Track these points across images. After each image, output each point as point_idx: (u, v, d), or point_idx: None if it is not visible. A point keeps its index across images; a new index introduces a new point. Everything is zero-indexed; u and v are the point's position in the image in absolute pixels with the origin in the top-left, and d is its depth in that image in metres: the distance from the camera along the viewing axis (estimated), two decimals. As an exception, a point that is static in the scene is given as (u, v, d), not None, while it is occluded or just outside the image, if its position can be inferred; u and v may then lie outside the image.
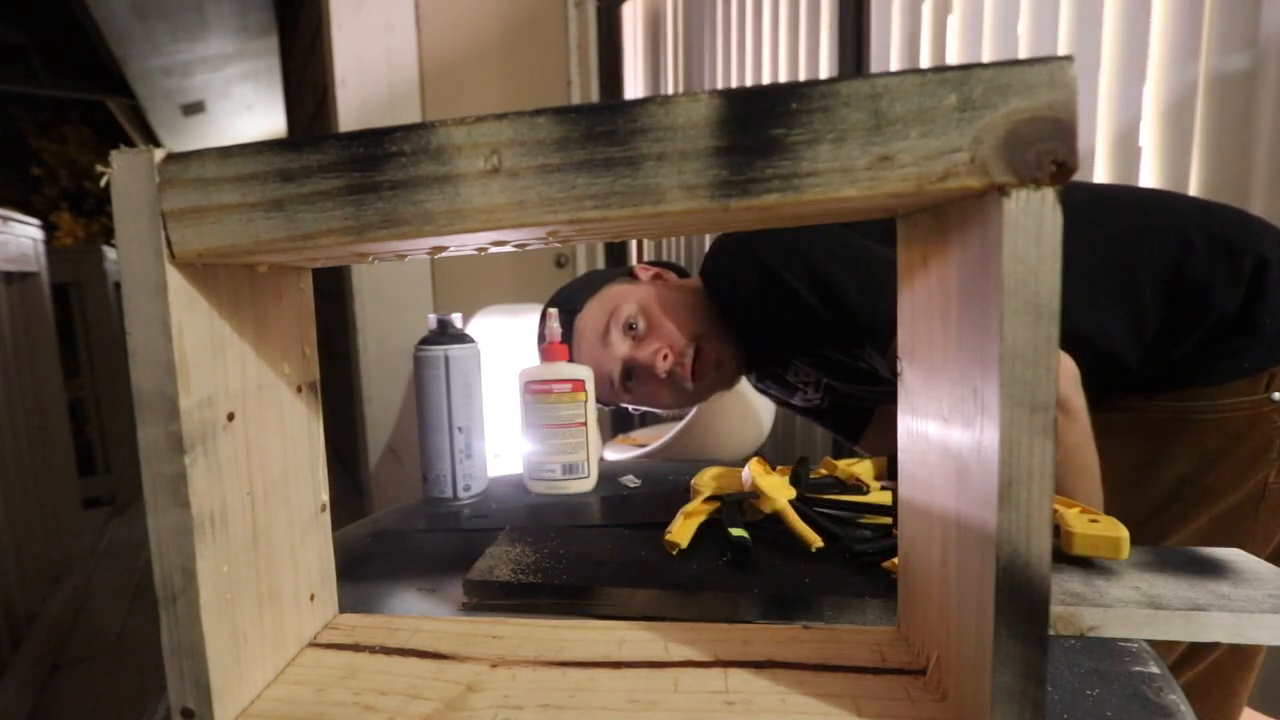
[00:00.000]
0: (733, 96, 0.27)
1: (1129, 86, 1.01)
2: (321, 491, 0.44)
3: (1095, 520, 0.49)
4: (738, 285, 0.82)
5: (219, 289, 0.34)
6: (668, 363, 0.84)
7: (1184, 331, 0.72)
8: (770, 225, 0.36)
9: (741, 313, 0.84)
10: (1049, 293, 0.26)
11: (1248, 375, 0.71)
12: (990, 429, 0.27)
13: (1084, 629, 0.43)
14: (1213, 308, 0.71)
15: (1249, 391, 0.71)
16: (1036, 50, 1.11)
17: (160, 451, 0.32)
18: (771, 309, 0.79)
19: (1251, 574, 0.47)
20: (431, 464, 0.76)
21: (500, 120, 0.28)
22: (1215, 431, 0.73)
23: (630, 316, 0.87)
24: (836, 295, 0.74)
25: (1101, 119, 1.04)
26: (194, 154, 0.30)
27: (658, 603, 0.48)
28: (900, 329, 0.38)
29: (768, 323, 0.81)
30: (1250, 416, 0.71)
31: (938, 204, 0.32)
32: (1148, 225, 0.75)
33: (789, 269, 0.76)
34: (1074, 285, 0.72)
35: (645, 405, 0.92)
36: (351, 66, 2.01)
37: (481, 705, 0.35)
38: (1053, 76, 0.25)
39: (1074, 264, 0.73)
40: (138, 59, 4.00)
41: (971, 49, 1.22)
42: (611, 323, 0.87)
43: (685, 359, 0.85)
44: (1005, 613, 0.27)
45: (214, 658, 0.33)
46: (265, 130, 5.23)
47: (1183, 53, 0.95)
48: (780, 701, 0.34)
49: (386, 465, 2.15)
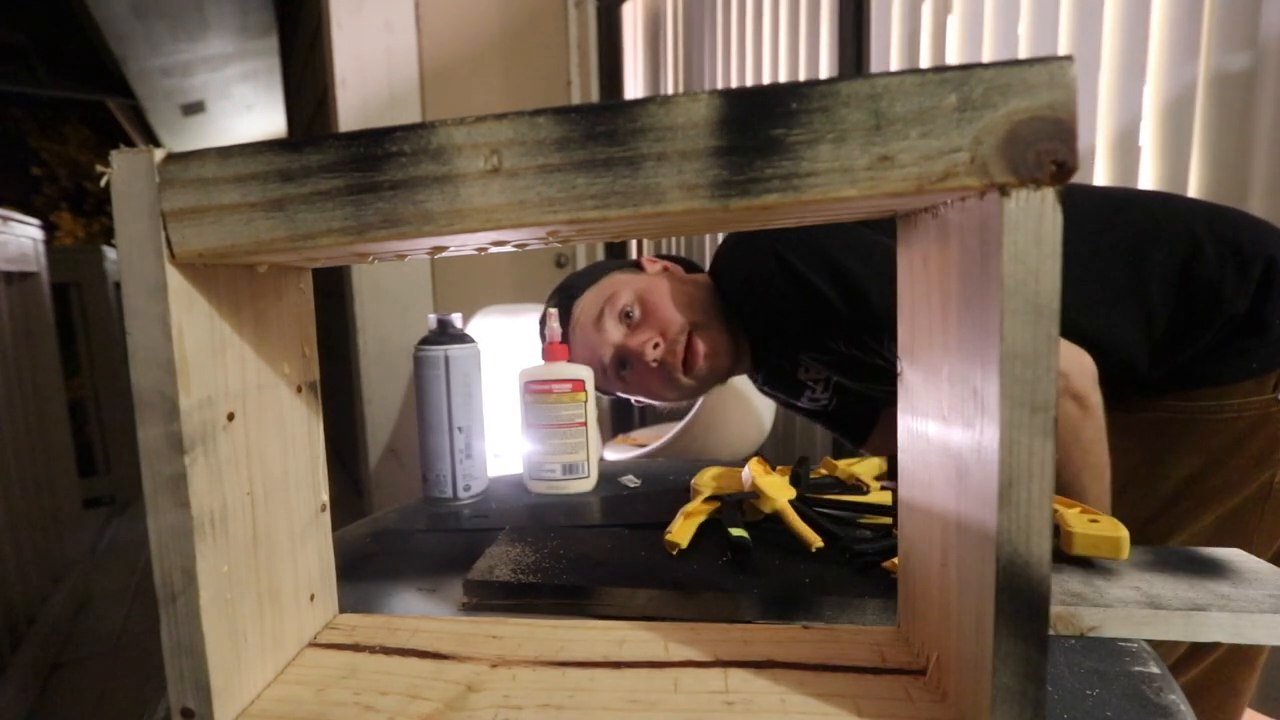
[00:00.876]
0: (733, 96, 0.27)
1: (1129, 86, 1.01)
2: (321, 491, 0.44)
3: (1095, 520, 0.49)
4: (753, 280, 0.82)
5: (219, 289, 0.34)
6: (658, 351, 0.84)
7: (1193, 332, 0.73)
8: (771, 225, 0.36)
9: (756, 307, 0.84)
10: (1049, 293, 0.26)
11: (1255, 375, 0.71)
12: (990, 429, 0.27)
13: (1084, 629, 0.43)
14: (1222, 308, 0.71)
15: (1256, 392, 0.71)
16: (1036, 50, 1.11)
17: (160, 451, 0.31)
18: (788, 303, 0.78)
19: (1251, 574, 0.47)
20: (431, 464, 0.76)
21: (500, 120, 0.28)
22: (1222, 432, 0.73)
23: (627, 304, 0.86)
24: (853, 288, 0.74)
25: (1101, 119, 1.04)
26: (194, 154, 0.30)
27: (658, 603, 0.48)
28: (900, 329, 0.38)
29: (784, 317, 0.81)
30: (1257, 417, 0.72)
31: (938, 204, 0.32)
32: (1157, 227, 0.75)
33: (805, 262, 0.76)
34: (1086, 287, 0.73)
35: (638, 395, 0.92)
36: (351, 66, 2.01)
37: (481, 705, 0.35)
38: (1053, 76, 0.25)
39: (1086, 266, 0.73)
40: (138, 59, 4.00)
41: (971, 49, 1.22)
42: (607, 309, 0.87)
43: (677, 347, 0.84)
44: (1005, 613, 0.27)
45: (214, 658, 0.33)
46: (265, 130, 5.23)
47: (1183, 53, 0.95)
48: (780, 701, 0.34)
49: (386, 465, 2.15)
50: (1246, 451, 0.72)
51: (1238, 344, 0.72)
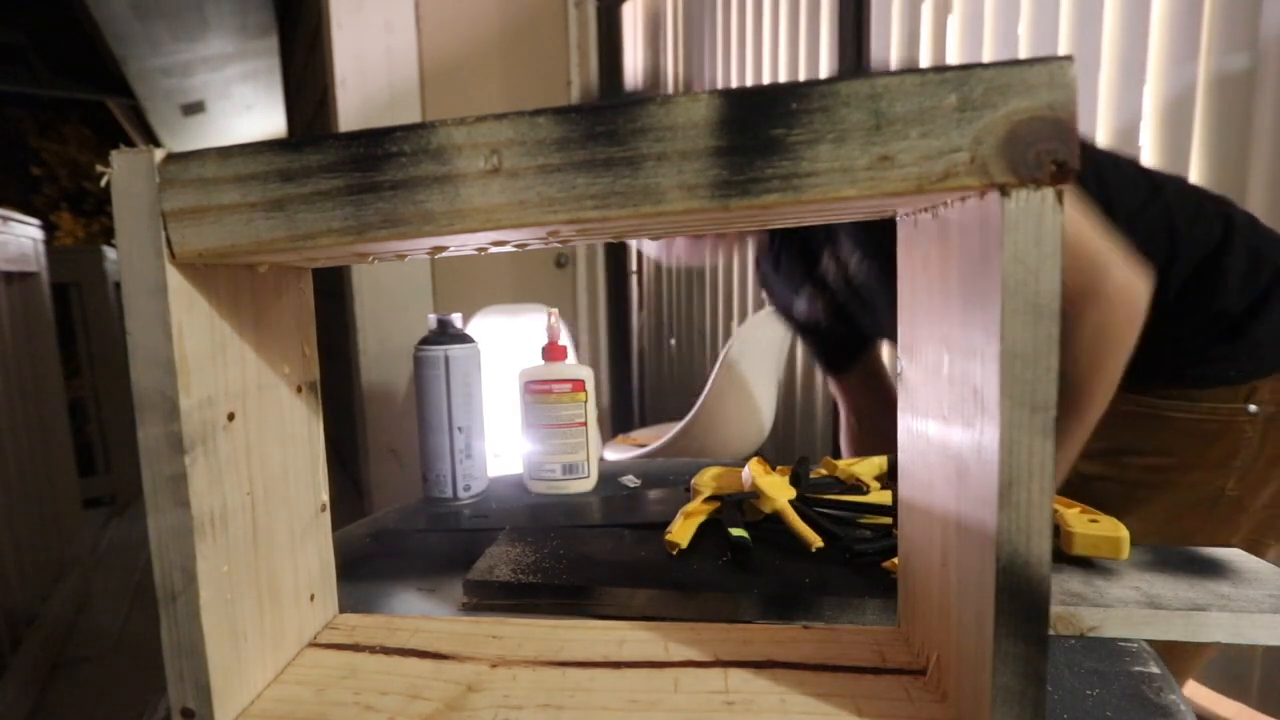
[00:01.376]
0: (732, 96, 0.27)
1: (1129, 86, 1.01)
2: (321, 491, 0.44)
3: (1095, 520, 0.49)
4: None
5: (219, 289, 0.34)
6: None
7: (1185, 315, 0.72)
8: (771, 225, 0.36)
9: None
10: (1049, 293, 0.26)
11: (1231, 383, 0.72)
12: (990, 429, 0.27)
13: (1084, 629, 0.43)
14: (1217, 300, 0.71)
15: (1228, 399, 0.72)
16: (1036, 50, 1.11)
17: (160, 451, 0.32)
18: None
19: (1251, 574, 0.47)
20: (431, 464, 0.76)
21: (500, 120, 0.28)
22: (1187, 432, 0.74)
23: None
24: None
25: (1101, 119, 1.04)
26: (194, 154, 0.30)
27: (658, 603, 0.48)
28: (900, 329, 0.38)
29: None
30: (1223, 424, 0.72)
31: (938, 204, 0.32)
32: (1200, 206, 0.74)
33: None
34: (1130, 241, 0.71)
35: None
36: (351, 66, 2.01)
37: (481, 705, 0.35)
38: (1053, 76, 0.25)
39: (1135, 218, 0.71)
40: (138, 59, 4.00)
41: (971, 49, 1.22)
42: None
43: None
44: (1005, 613, 0.27)
45: (214, 658, 0.33)
46: (265, 130, 5.23)
47: (1183, 53, 0.95)
48: (780, 701, 0.34)
49: (386, 465, 2.15)
50: (1208, 455, 0.73)
51: (1222, 349, 0.72)
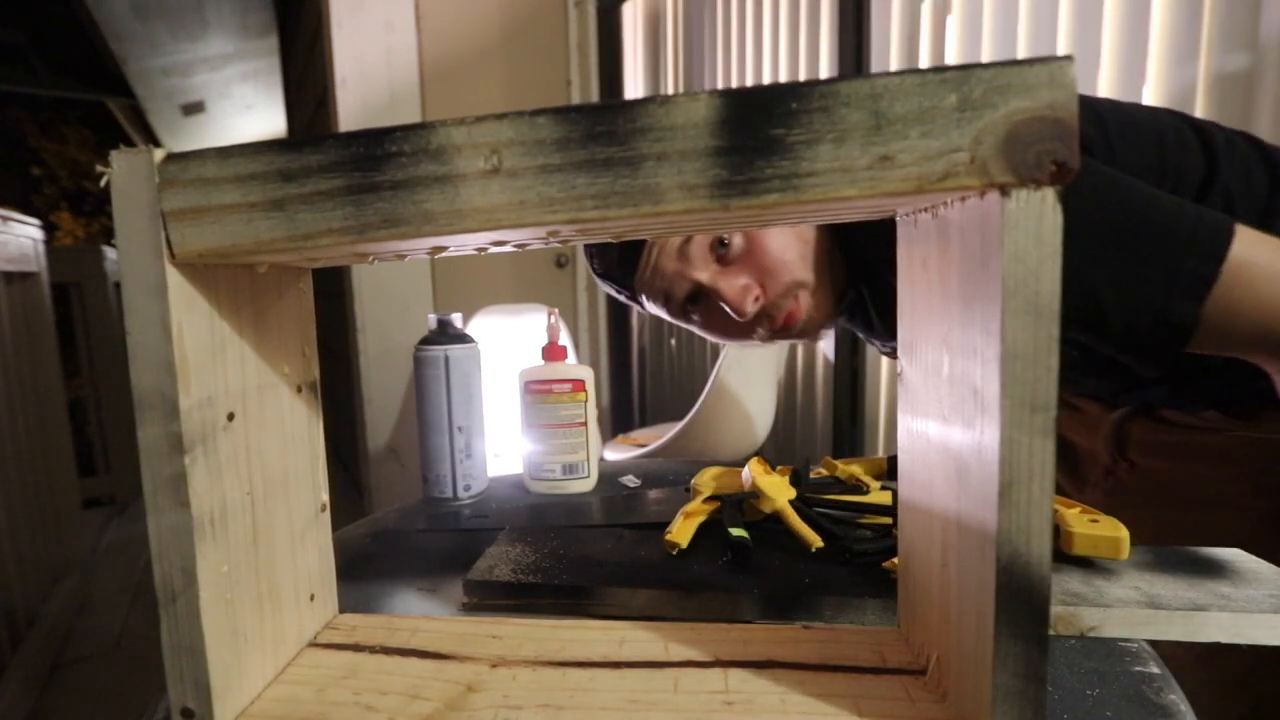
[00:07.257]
0: (732, 96, 0.27)
1: (1129, 86, 1.01)
2: (321, 491, 0.44)
3: (1095, 520, 0.49)
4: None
5: (219, 289, 0.34)
6: (757, 305, 0.71)
7: None
8: (771, 225, 0.36)
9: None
10: (1049, 293, 0.26)
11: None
12: (990, 429, 0.27)
13: (1084, 629, 0.43)
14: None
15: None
16: (1036, 50, 1.11)
17: (160, 451, 0.31)
18: None
19: (1251, 574, 0.47)
20: (431, 464, 0.76)
21: (500, 120, 0.28)
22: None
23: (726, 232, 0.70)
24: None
25: (1101, 119, 1.04)
26: (194, 154, 0.30)
27: (658, 603, 0.48)
28: (900, 329, 0.38)
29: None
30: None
31: (938, 204, 0.32)
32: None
33: None
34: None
35: (702, 331, 0.80)
36: (351, 66, 2.01)
37: (481, 705, 0.35)
38: (1053, 76, 0.25)
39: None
40: (138, 59, 4.00)
41: (971, 49, 1.22)
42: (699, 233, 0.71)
43: (782, 307, 0.72)
44: (1005, 613, 0.27)
45: (214, 658, 0.33)
46: (265, 130, 5.23)
47: (1183, 53, 0.95)
48: (780, 701, 0.34)
49: (386, 465, 2.15)
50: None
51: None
